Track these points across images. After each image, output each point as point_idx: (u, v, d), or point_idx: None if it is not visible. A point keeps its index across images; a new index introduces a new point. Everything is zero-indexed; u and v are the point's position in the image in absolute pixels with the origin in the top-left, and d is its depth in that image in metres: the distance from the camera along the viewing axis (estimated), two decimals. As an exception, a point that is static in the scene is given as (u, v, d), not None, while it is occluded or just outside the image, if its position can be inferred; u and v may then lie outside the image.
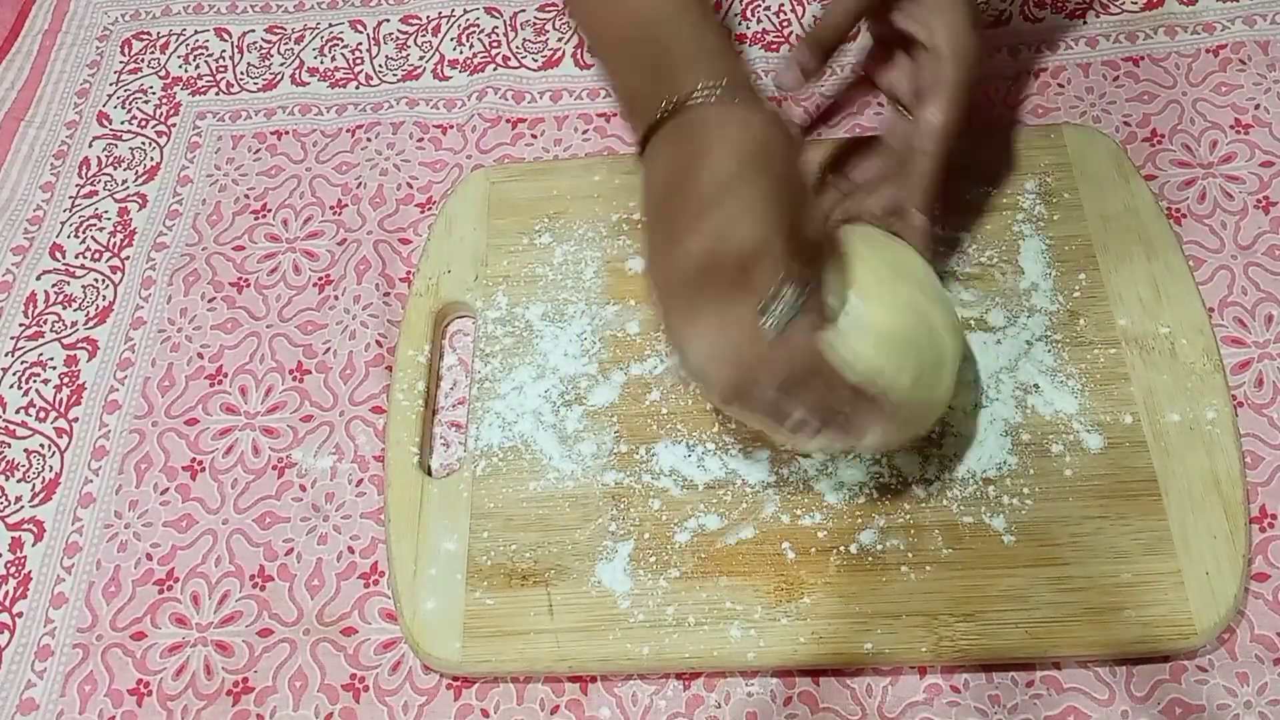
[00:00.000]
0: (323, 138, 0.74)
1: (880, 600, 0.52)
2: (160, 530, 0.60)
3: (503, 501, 0.57)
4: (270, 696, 0.55)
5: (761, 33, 0.75)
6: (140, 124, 0.77)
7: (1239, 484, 0.54)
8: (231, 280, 0.68)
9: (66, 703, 0.56)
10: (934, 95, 0.54)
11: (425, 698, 0.54)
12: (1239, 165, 0.65)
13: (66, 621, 0.58)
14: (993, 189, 0.64)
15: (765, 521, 0.55)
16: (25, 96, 0.79)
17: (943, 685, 0.52)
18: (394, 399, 0.61)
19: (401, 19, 0.79)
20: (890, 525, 0.54)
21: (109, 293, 0.69)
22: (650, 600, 0.53)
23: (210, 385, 0.65)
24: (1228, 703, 0.50)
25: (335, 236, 0.69)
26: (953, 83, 0.54)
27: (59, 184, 0.74)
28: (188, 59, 0.80)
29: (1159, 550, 0.52)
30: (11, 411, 0.65)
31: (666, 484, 0.57)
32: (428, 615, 0.54)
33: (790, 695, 0.52)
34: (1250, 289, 0.61)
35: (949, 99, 0.54)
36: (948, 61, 0.53)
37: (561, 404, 0.60)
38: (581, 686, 0.54)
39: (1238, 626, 0.52)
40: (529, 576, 0.55)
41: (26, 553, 0.60)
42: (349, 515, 0.60)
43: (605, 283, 0.63)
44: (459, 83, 0.75)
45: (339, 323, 0.66)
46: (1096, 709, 0.51)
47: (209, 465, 0.62)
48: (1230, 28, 0.70)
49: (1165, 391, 0.56)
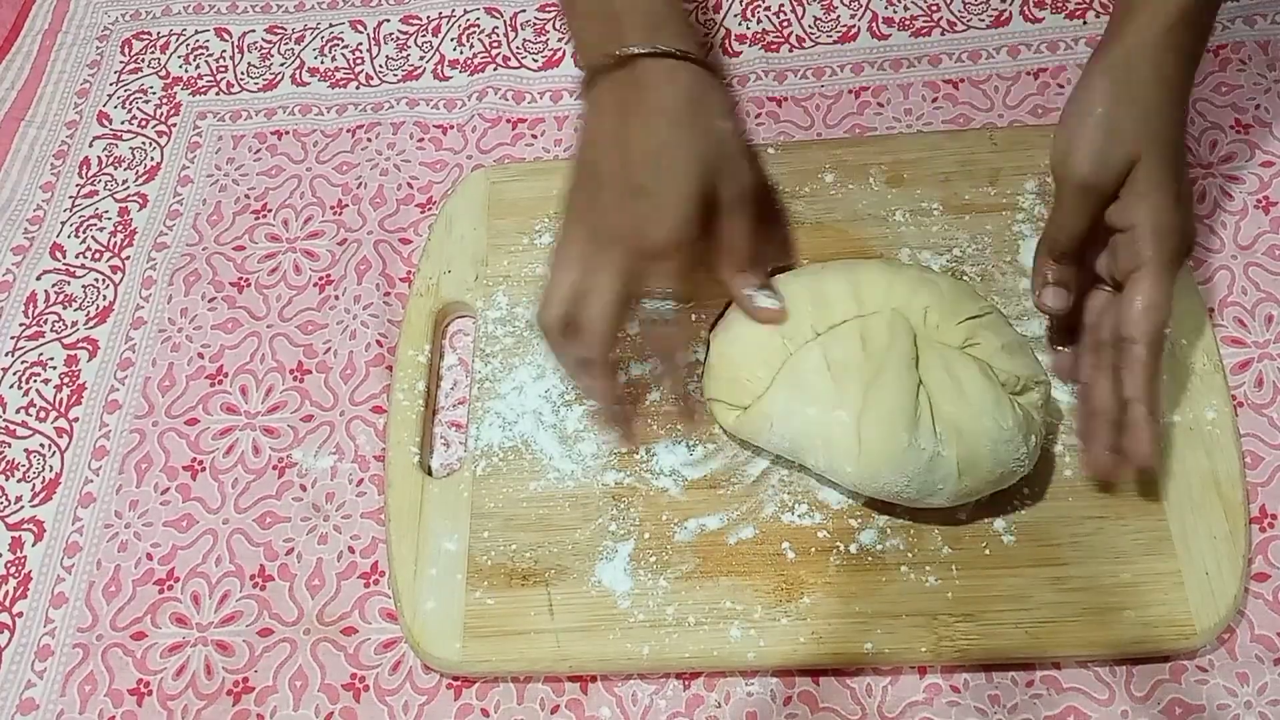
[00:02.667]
0: (323, 138, 0.74)
1: (880, 600, 0.52)
2: (160, 530, 0.60)
3: (503, 501, 0.57)
4: (270, 696, 0.55)
5: (761, 33, 0.75)
6: (140, 124, 0.77)
7: (1239, 484, 0.54)
8: (232, 280, 0.68)
9: (66, 703, 0.56)
10: (1139, 279, 0.50)
11: (425, 697, 0.54)
12: (1239, 165, 0.65)
13: (67, 621, 0.58)
14: (993, 189, 0.64)
15: (765, 521, 0.55)
16: (25, 96, 0.79)
17: (943, 685, 0.52)
18: (394, 399, 0.61)
19: (402, 19, 0.79)
20: (890, 525, 0.54)
21: (109, 292, 0.69)
22: (650, 600, 0.54)
23: (211, 385, 0.65)
24: (1228, 703, 0.50)
25: (335, 236, 0.69)
26: (1156, 262, 0.49)
27: (59, 184, 0.74)
28: (188, 59, 0.80)
29: (1159, 550, 0.52)
30: (12, 411, 0.65)
31: (666, 484, 0.57)
32: (428, 615, 0.54)
33: (790, 695, 0.52)
34: (1250, 289, 0.61)
35: (1153, 281, 0.49)
36: (1150, 242, 0.49)
37: (561, 404, 0.60)
38: (581, 686, 0.54)
39: (1238, 626, 0.52)
40: (529, 576, 0.55)
41: (26, 553, 0.60)
42: (349, 515, 0.60)
43: (605, 283, 0.63)
44: (459, 83, 0.75)
45: (339, 323, 0.66)
46: (1096, 709, 0.51)
47: (209, 465, 0.62)
48: (1230, 28, 0.70)
49: (1165, 391, 0.56)
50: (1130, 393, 0.50)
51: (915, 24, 0.74)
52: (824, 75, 0.72)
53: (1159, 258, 0.49)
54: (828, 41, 0.74)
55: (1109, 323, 0.52)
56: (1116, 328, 0.51)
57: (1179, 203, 0.50)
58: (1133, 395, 0.50)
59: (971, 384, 0.51)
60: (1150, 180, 0.49)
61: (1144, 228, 0.49)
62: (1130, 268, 0.50)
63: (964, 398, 0.51)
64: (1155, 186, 0.49)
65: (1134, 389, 0.50)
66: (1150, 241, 0.49)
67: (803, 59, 0.73)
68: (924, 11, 0.74)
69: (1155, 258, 0.49)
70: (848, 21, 0.75)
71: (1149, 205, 0.49)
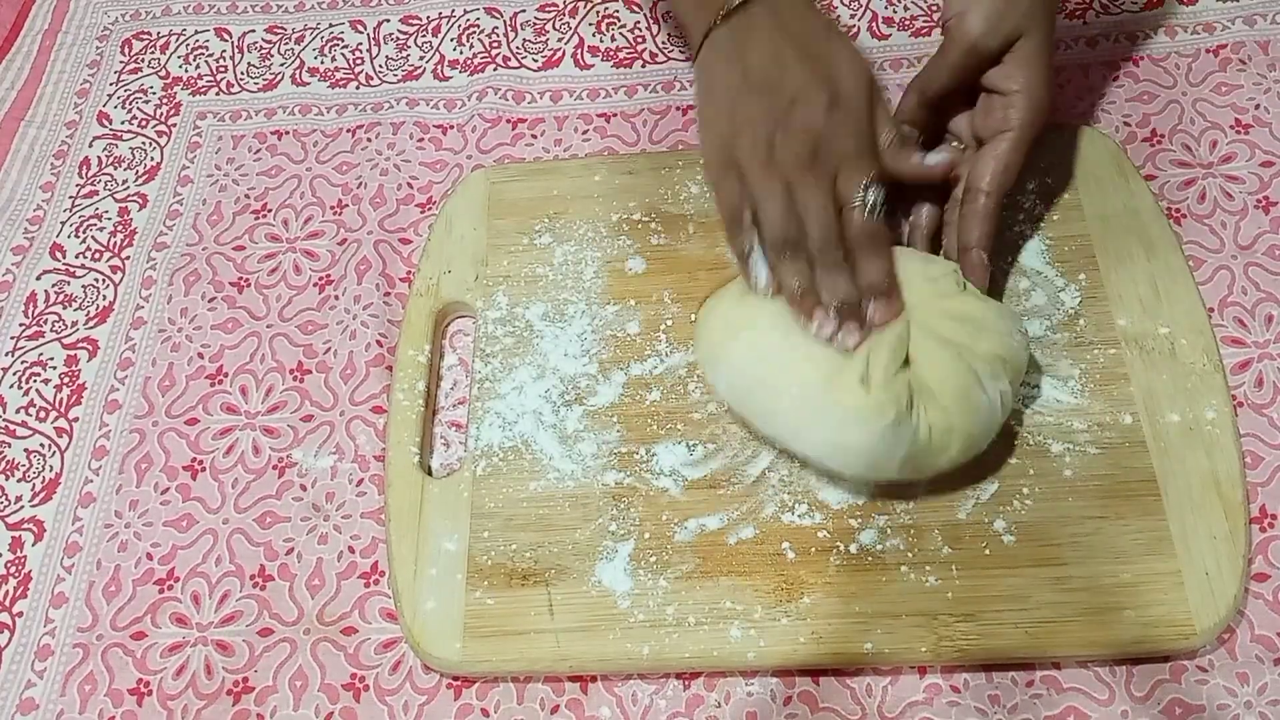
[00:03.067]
0: (323, 138, 0.74)
1: (880, 600, 0.52)
2: (160, 530, 0.60)
3: (503, 501, 0.57)
4: (270, 696, 0.55)
5: (761, 33, 0.75)
6: (140, 124, 0.77)
7: (1239, 484, 0.54)
8: (232, 280, 0.69)
9: (66, 703, 0.56)
10: (1001, 139, 0.56)
11: (425, 697, 0.54)
12: (1239, 165, 0.65)
13: (66, 621, 0.58)
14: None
15: (765, 521, 0.55)
16: (25, 96, 0.79)
17: (943, 685, 0.52)
18: (394, 399, 0.61)
19: (401, 19, 0.79)
20: (890, 525, 0.54)
21: (109, 292, 0.69)
22: (650, 600, 0.54)
23: (210, 385, 0.65)
24: (1228, 703, 0.50)
25: (335, 236, 0.69)
26: (1021, 125, 0.56)
27: (59, 184, 0.75)
28: (188, 59, 0.80)
29: (1159, 550, 0.52)
30: (12, 411, 0.65)
31: (666, 484, 0.57)
32: (428, 615, 0.54)
33: (790, 695, 0.52)
34: (1250, 289, 0.61)
35: (1014, 143, 0.56)
36: (1020, 108, 0.56)
37: (561, 404, 0.60)
38: (581, 686, 0.54)
39: (1238, 626, 0.52)
40: (529, 576, 0.55)
41: (26, 552, 0.60)
42: (349, 515, 0.60)
43: (605, 283, 0.63)
44: (459, 83, 0.75)
45: (339, 323, 0.66)
46: (1096, 709, 0.51)
47: (209, 465, 0.62)
48: (1230, 28, 0.70)
49: (1165, 391, 0.56)
50: (971, 240, 0.56)
51: (915, 24, 0.74)
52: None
53: (1025, 123, 0.56)
54: (828, 41, 0.74)
55: (961, 173, 0.58)
56: (969, 179, 0.57)
57: (1049, 79, 0.57)
58: (973, 243, 0.56)
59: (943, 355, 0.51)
60: (1030, 54, 0.56)
61: (1019, 94, 0.56)
62: (998, 128, 0.56)
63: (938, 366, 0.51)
64: (1034, 60, 0.56)
65: (975, 237, 0.56)
66: (1022, 107, 0.56)
67: (803, 59, 0.73)
68: (924, 11, 0.74)
69: (1021, 122, 0.56)
70: (848, 21, 0.75)
71: (1028, 75, 0.56)
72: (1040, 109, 0.56)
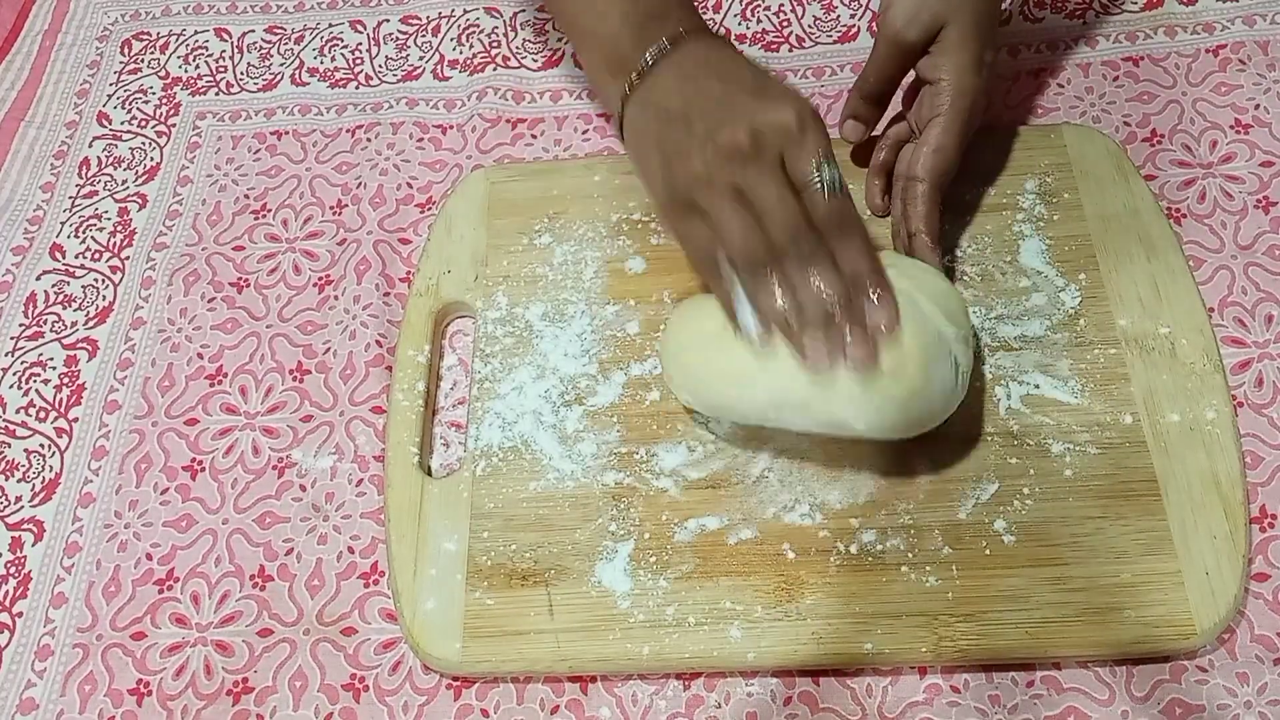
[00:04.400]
0: (323, 138, 0.74)
1: (880, 600, 0.52)
2: (160, 530, 0.60)
3: (503, 501, 0.57)
4: (270, 696, 0.55)
5: (761, 33, 0.75)
6: (140, 124, 0.77)
7: (1239, 484, 0.54)
8: (231, 280, 0.68)
9: (66, 703, 0.56)
10: (932, 125, 0.59)
11: (425, 698, 0.54)
12: (1239, 165, 0.65)
13: (66, 621, 0.58)
14: (993, 189, 0.64)
15: (765, 521, 0.55)
16: (25, 96, 0.79)
17: (943, 685, 0.52)
18: (394, 399, 0.61)
19: (401, 19, 0.79)
20: (890, 525, 0.54)
21: (109, 293, 0.69)
22: (650, 600, 0.53)
23: (210, 385, 0.65)
24: (1228, 703, 0.50)
25: (335, 236, 0.69)
26: (949, 112, 0.58)
27: (59, 184, 0.75)
28: (188, 59, 0.80)
29: (1159, 550, 0.52)
30: (11, 411, 0.65)
31: (666, 484, 0.57)
32: (428, 615, 0.54)
33: (790, 695, 0.52)
34: (1250, 289, 0.61)
35: (944, 127, 0.58)
36: (947, 94, 0.58)
37: (561, 404, 0.60)
38: (581, 686, 0.54)
39: (1238, 626, 0.52)
40: (529, 576, 0.55)
41: (26, 553, 0.60)
42: (349, 515, 0.60)
43: (605, 283, 0.63)
44: (459, 83, 0.75)
45: (339, 323, 0.66)
46: (1096, 709, 0.51)
47: (209, 465, 0.62)
48: (1230, 28, 0.70)
49: (1165, 391, 0.56)
50: (914, 225, 0.59)
51: (915, 24, 0.74)
52: (824, 75, 0.72)
53: (952, 108, 0.58)
54: (827, 41, 0.74)
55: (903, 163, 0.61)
56: (906, 168, 0.60)
57: (978, 65, 0.59)
58: (916, 228, 0.58)
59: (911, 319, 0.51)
60: (954, 42, 0.58)
61: (944, 82, 0.58)
62: (929, 116, 0.59)
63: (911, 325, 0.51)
64: (958, 48, 0.58)
65: (917, 221, 0.58)
66: (947, 94, 0.58)
67: (802, 59, 0.74)
68: (924, 11, 0.74)
69: (949, 108, 0.58)
70: (848, 21, 0.75)
71: (950, 63, 0.58)
72: (966, 93, 0.58)
